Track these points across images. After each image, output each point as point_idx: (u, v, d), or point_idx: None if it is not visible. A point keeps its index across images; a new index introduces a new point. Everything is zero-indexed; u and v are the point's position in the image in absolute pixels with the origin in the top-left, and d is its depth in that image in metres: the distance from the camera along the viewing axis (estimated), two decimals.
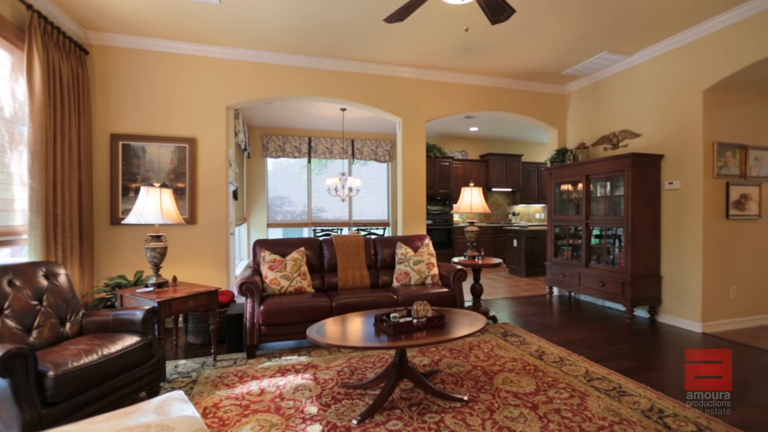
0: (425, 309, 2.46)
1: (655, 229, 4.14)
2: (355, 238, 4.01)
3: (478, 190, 4.25)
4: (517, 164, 8.68)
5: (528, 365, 2.88)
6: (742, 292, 3.92)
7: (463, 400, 2.34)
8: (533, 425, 2.08)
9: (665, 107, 4.08)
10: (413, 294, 3.48)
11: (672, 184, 4.03)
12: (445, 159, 8.10)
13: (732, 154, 3.86)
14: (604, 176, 4.42)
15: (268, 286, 3.37)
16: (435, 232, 7.84)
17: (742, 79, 3.57)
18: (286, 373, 2.78)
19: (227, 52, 4.08)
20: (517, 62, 4.52)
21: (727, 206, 3.84)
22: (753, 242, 3.98)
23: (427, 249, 3.98)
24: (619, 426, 2.07)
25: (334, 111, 6.44)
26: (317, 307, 3.22)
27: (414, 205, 4.84)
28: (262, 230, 7.61)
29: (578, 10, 3.36)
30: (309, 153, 7.83)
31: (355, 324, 2.57)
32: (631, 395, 2.41)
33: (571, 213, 4.95)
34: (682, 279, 3.94)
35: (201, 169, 4.06)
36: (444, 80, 4.86)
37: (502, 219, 9.03)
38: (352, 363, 2.96)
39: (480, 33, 3.72)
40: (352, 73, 4.54)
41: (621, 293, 4.10)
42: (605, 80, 4.78)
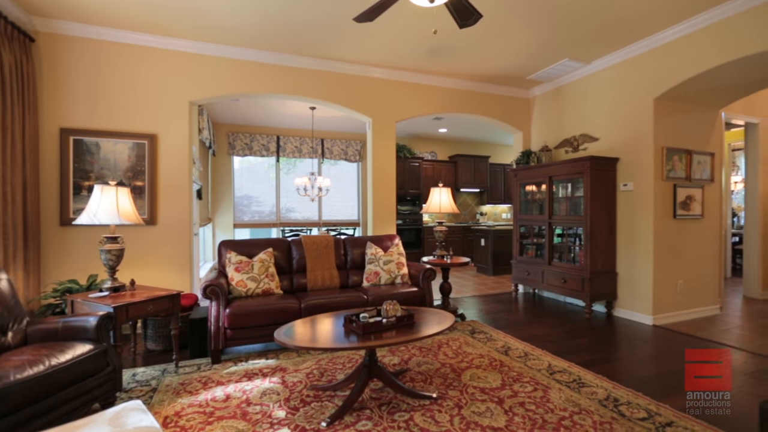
0: (395, 308, 2.47)
1: (611, 228, 4.38)
2: (325, 238, 3.97)
3: (447, 191, 4.32)
4: (484, 165, 8.91)
5: (494, 361, 2.96)
6: (687, 286, 4.22)
7: (432, 398, 2.37)
8: (499, 419, 2.14)
9: (620, 113, 4.32)
10: (383, 294, 3.49)
11: (626, 186, 4.27)
12: (414, 159, 8.19)
13: (679, 159, 4.14)
14: (565, 178, 4.62)
15: (235, 288, 3.27)
16: (405, 231, 7.90)
17: (686, 90, 3.85)
18: (253, 378, 2.71)
19: (191, 46, 3.93)
20: (484, 66, 4.64)
21: (674, 207, 4.12)
22: (696, 240, 4.29)
23: (397, 249, 4.00)
24: (579, 416, 2.17)
25: (304, 109, 6.35)
26: (285, 309, 3.16)
27: (384, 205, 4.85)
28: (229, 231, 7.38)
29: (541, 18, 3.49)
30: (277, 152, 7.67)
31: (325, 325, 2.55)
32: (589, 386, 2.53)
33: (536, 213, 5.14)
34: (635, 275, 4.18)
35: (162, 167, 3.87)
36: (414, 81, 4.91)
37: (471, 219, 9.23)
38: (322, 365, 2.92)
39: (449, 36, 3.79)
40: (321, 71, 4.49)
41: (581, 289, 4.31)
42: (566, 86, 5.00)
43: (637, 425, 2.08)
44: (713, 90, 3.93)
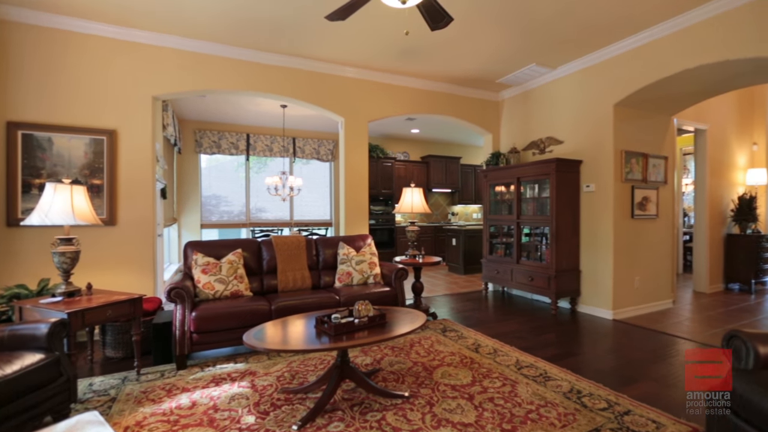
0: (367, 308, 2.47)
1: (575, 227, 4.57)
2: (296, 238, 3.91)
3: (419, 191, 4.36)
4: (456, 166, 9.06)
5: (465, 358, 3.02)
6: (644, 282, 4.47)
7: (404, 397, 2.38)
8: (469, 415, 2.19)
9: (583, 118, 4.51)
10: (355, 294, 3.48)
11: (589, 187, 4.47)
12: (387, 160, 8.21)
13: (636, 162, 4.38)
14: (532, 179, 4.78)
15: (201, 290, 3.16)
16: (377, 231, 7.91)
17: (643, 97, 4.07)
18: (220, 383, 2.62)
19: (155, 38, 3.75)
20: (455, 68, 4.71)
21: (632, 207, 4.35)
22: (652, 238, 4.55)
23: (370, 249, 4.00)
24: (544, 408, 2.25)
25: (275, 107, 6.22)
26: (255, 311, 3.08)
27: (356, 205, 4.84)
28: (195, 231, 7.12)
29: (510, 24, 3.59)
30: (247, 150, 7.48)
31: (296, 327, 2.50)
32: (554, 380, 2.63)
33: (505, 213, 5.28)
34: (597, 272, 4.38)
35: (122, 165, 3.68)
36: (386, 82, 4.92)
37: (442, 219, 9.37)
38: (293, 367, 2.88)
39: (421, 37, 3.82)
40: (293, 69, 4.42)
41: (547, 287, 4.47)
42: (534, 90, 5.17)
43: (598, 415, 2.18)
44: (666, 98, 4.18)
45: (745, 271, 5.43)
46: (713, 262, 5.56)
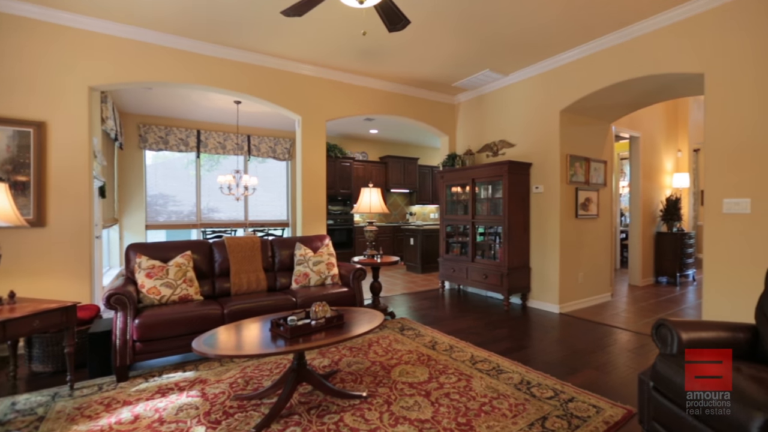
0: (324, 310, 2.44)
1: (525, 227, 4.80)
2: (251, 239, 3.78)
3: (377, 191, 4.38)
4: (413, 167, 9.20)
5: (422, 356, 3.07)
6: (586, 278, 4.80)
7: (362, 397, 2.38)
8: (426, 411, 2.22)
9: (533, 122, 4.76)
10: (313, 295, 3.43)
11: (538, 189, 4.72)
12: (345, 159, 8.17)
13: (580, 165, 4.69)
14: (486, 180, 4.96)
15: (146, 296, 2.95)
16: (336, 232, 7.84)
17: (585, 105, 4.37)
18: (167, 393, 2.47)
19: (93, 24, 3.46)
20: (413, 70, 4.78)
21: (576, 207, 4.65)
22: (593, 237, 4.89)
23: (327, 249, 3.95)
24: (497, 400, 2.34)
25: (228, 103, 5.98)
26: (206, 316, 2.94)
27: (314, 205, 4.76)
28: (140, 233, 6.66)
29: (466, 31, 3.70)
30: (198, 147, 7.11)
31: (250, 330, 2.42)
32: (506, 372, 2.75)
33: (460, 213, 5.44)
34: (545, 269, 4.64)
35: (53, 160, 3.36)
36: (345, 81, 4.89)
37: (401, 219, 9.47)
38: (247, 373, 2.77)
39: (379, 38, 3.84)
40: (248, 64, 4.26)
41: (500, 284, 4.66)
42: (488, 95, 5.38)
43: (545, 404, 2.31)
44: (605, 106, 4.51)
45: (671, 266, 6.00)
46: (645, 258, 6.08)
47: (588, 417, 2.17)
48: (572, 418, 2.15)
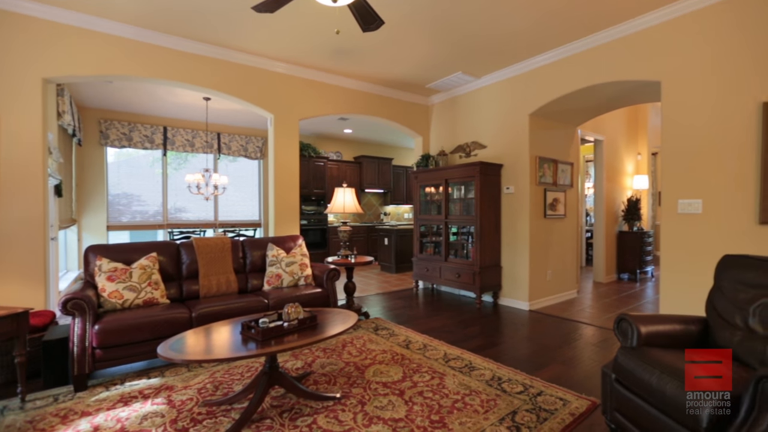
0: (297, 311, 2.40)
1: (497, 226, 4.92)
2: (221, 240, 3.67)
3: (351, 191, 4.36)
4: (388, 167, 9.23)
5: (396, 355, 3.08)
6: (554, 275, 4.97)
7: (335, 398, 2.36)
8: (400, 410, 2.24)
9: (504, 125, 4.88)
10: (285, 297, 3.37)
11: (509, 189, 4.85)
12: (319, 159, 8.09)
13: (548, 167, 4.85)
14: (459, 181, 5.05)
15: (107, 300, 2.81)
16: (310, 232, 7.75)
17: (552, 109, 4.53)
18: (130, 402, 2.36)
19: (46, 11, 3.25)
20: (387, 71, 4.80)
21: (545, 208, 4.81)
22: (560, 236, 5.08)
23: (300, 250, 3.90)
24: (469, 397, 2.39)
25: (197, 100, 5.78)
26: (173, 320, 2.83)
27: (287, 204, 4.68)
28: (101, 234, 6.33)
29: (440, 33, 3.75)
30: (164, 144, 6.84)
31: (220, 334, 2.35)
32: (478, 369, 2.80)
33: (434, 213, 5.51)
34: (516, 267, 4.77)
35: (3, 156, 3.13)
36: (319, 80, 4.84)
37: (375, 219, 9.48)
38: (217, 377, 2.69)
39: (353, 38, 3.83)
40: (218, 60, 4.14)
41: (472, 282, 4.75)
42: (461, 97, 5.47)
43: (515, 398, 2.37)
44: (571, 111, 4.70)
45: (632, 263, 6.31)
46: (608, 256, 6.37)
47: (555, 410, 2.24)
48: (540, 412, 2.22)
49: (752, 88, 2.90)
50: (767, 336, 1.75)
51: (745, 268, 1.97)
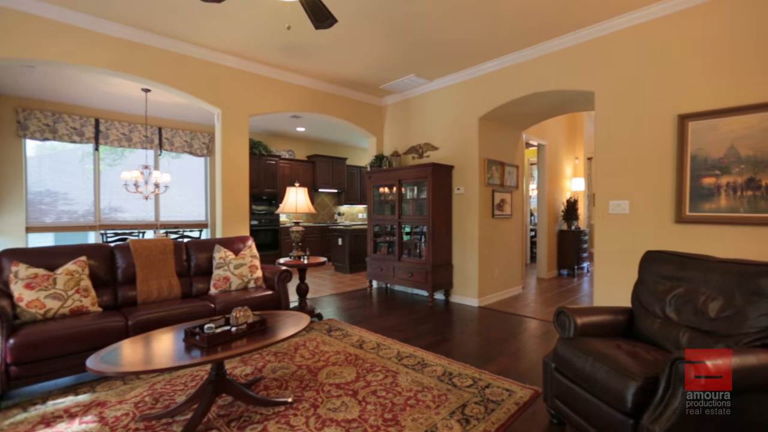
0: (246, 315, 2.31)
1: (448, 226, 5.07)
2: (162, 242, 3.44)
3: (304, 191, 4.27)
4: (342, 167, 9.17)
5: (350, 356, 3.07)
6: (501, 273, 5.22)
7: (287, 403, 2.30)
8: (353, 410, 2.23)
9: (455, 127, 5.04)
10: (234, 300, 3.23)
11: (459, 190, 5.01)
12: (271, 157, 7.84)
13: (496, 169, 5.08)
14: (412, 181, 5.13)
15: (25, 310, 2.52)
16: (260, 232, 7.50)
17: (500, 113, 4.75)
18: (53, 423, 2.13)
19: None
20: (341, 70, 4.76)
21: (492, 208, 5.03)
22: (507, 235, 5.34)
23: (250, 251, 3.75)
24: (422, 393, 2.43)
25: (134, 91, 5.36)
26: (105, 330, 2.60)
27: (236, 204, 4.49)
28: (19, 236, 5.66)
29: (392, 35, 3.78)
30: (96, 138, 6.27)
31: (160, 342, 2.19)
32: (430, 366, 2.87)
33: (388, 213, 5.55)
34: (466, 265, 4.95)
35: None
36: (270, 76, 4.69)
37: (329, 219, 9.38)
38: (157, 389, 2.51)
39: (305, 35, 3.75)
40: (160, 49, 3.86)
41: (425, 281, 4.85)
42: (414, 98, 5.56)
43: (465, 392, 2.45)
44: (517, 116, 4.96)
45: (571, 260, 6.80)
46: (550, 253, 6.81)
47: (501, 400, 2.35)
48: (488, 403, 2.32)
49: (670, 101, 3.24)
50: (681, 323, 1.96)
51: (663, 262, 2.19)
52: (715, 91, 3.02)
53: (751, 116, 2.85)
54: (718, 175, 3.00)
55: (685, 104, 3.16)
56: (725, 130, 2.97)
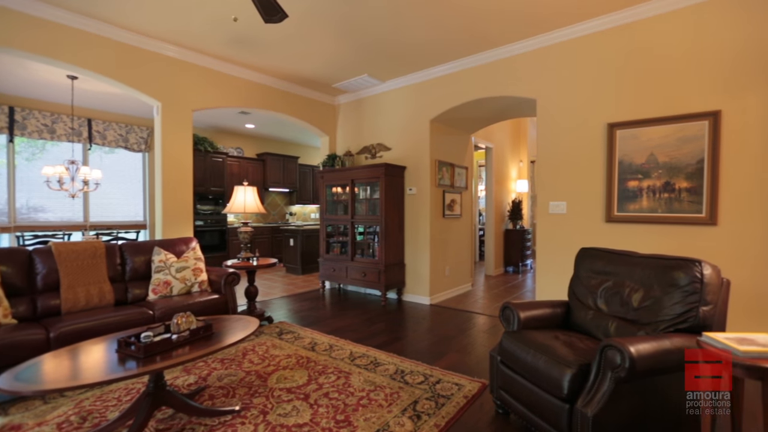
0: (188, 321, 2.17)
1: (401, 226, 5.13)
2: (91, 245, 3.14)
3: (253, 190, 4.12)
4: (294, 165, 8.95)
5: (302, 358, 3.00)
6: (452, 271, 5.38)
7: (234, 411, 2.20)
8: (305, 414, 2.18)
9: (407, 128, 5.12)
10: (175, 306, 3.03)
11: (411, 191, 5.10)
12: (218, 154, 7.46)
13: (446, 170, 5.23)
14: (365, 181, 5.14)
15: None
16: (206, 233, 7.11)
17: (450, 116, 4.90)
18: None
19: None
20: (293, 66, 4.64)
21: (443, 208, 5.17)
22: (457, 234, 5.52)
23: (194, 253, 3.55)
24: (374, 393, 2.44)
25: (58, 77, 4.85)
26: (20, 344, 2.32)
27: (178, 203, 4.22)
28: None
29: (345, 34, 3.76)
30: (11, 128, 5.59)
31: (89, 354, 2.00)
32: (383, 365, 2.89)
33: (340, 213, 5.51)
34: (418, 264, 5.04)
35: None
36: (217, 69, 4.46)
37: (280, 219, 9.12)
38: (85, 407, 2.29)
39: (254, 28, 3.61)
40: (89, 33, 3.52)
41: (377, 280, 4.87)
42: (367, 98, 5.57)
43: (417, 389, 2.50)
44: (467, 119, 5.14)
45: (516, 257, 7.18)
46: (497, 251, 7.14)
47: (451, 395, 2.43)
48: (439, 398, 2.38)
49: (601, 111, 3.53)
50: (610, 314, 2.14)
51: (595, 258, 2.38)
52: (638, 103, 3.34)
53: (666, 127, 3.19)
54: (640, 179, 3.33)
55: (614, 114, 3.46)
56: (645, 138, 3.29)
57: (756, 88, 2.85)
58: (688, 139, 3.10)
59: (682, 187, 3.14)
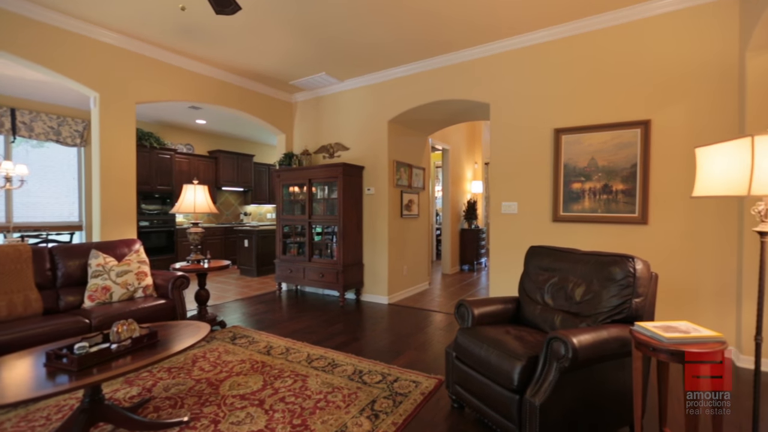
0: (130, 329, 2.03)
1: (359, 226, 5.12)
2: (14, 248, 2.83)
3: (203, 188, 3.92)
4: (249, 164, 8.64)
5: (256, 363, 2.90)
6: (410, 270, 5.46)
7: (182, 423, 2.08)
8: (259, 421, 2.11)
9: (365, 128, 5.12)
10: (116, 313, 2.81)
11: (370, 191, 5.10)
12: (165, 151, 7.03)
13: (404, 171, 5.29)
14: (323, 181, 5.07)
15: None
16: (152, 235, 6.67)
17: (408, 117, 4.96)
18: None
19: None
20: (247, 61, 4.48)
21: (401, 208, 5.23)
22: (415, 234, 5.61)
23: (137, 256, 3.31)
24: (332, 394, 2.41)
25: None
26: None
27: (119, 203, 3.91)
28: None
29: (302, 29, 3.68)
30: None
31: (11, 370, 1.80)
32: (341, 365, 2.86)
33: (298, 213, 5.40)
34: (376, 264, 5.06)
35: None
36: (162, 60, 4.19)
37: (234, 219, 8.77)
38: (6, 429, 2.06)
39: (205, 18, 3.44)
40: (13, 13, 3.17)
41: (335, 281, 4.83)
42: (325, 97, 5.50)
43: (375, 388, 2.50)
44: (424, 121, 5.24)
45: (471, 256, 7.42)
46: (453, 250, 7.34)
47: (409, 392, 2.46)
48: (396, 396, 2.40)
49: (549, 116, 3.74)
50: (556, 308, 2.27)
51: (543, 255, 2.52)
52: (581, 111, 3.58)
53: (605, 133, 3.45)
54: (583, 181, 3.56)
55: (560, 120, 3.68)
56: (587, 143, 3.54)
57: (681, 101, 3.16)
58: (623, 145, 3.37)
59: (618, 189, 3.40)
